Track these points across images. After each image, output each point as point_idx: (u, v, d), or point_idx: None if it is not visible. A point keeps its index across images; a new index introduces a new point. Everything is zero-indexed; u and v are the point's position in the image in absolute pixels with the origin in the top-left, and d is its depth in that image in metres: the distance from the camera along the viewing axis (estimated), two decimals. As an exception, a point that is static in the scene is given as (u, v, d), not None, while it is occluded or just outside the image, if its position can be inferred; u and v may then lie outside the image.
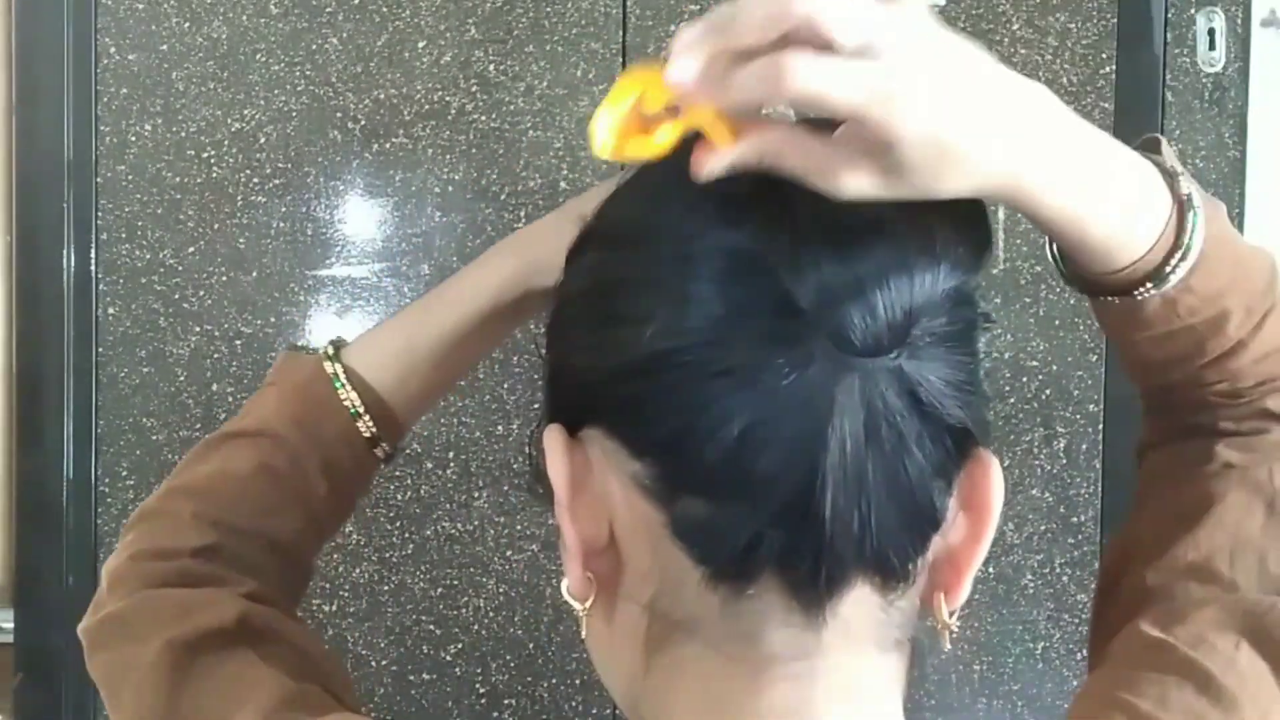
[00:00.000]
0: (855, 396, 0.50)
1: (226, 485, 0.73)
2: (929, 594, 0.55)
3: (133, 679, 0.67)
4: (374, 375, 0.75)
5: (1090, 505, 1.21)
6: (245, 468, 0.73)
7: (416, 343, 0.75)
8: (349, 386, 0.74)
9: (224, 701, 0.65)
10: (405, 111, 1.15)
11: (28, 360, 1.16)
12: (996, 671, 1.21)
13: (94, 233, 1.15)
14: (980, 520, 0.55)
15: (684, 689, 0.54)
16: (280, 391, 0.76)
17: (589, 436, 0.55)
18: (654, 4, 1.16)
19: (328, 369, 0.75)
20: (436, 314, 0.77)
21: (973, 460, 0.55)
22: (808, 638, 0.52)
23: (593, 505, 0.54)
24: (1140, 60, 1.18)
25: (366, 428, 0.74)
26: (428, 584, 1.18)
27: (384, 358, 0.76)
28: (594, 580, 0.54)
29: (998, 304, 1.19)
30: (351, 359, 0.76)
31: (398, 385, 0.75)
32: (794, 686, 0.52)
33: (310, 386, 0.75)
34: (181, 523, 0.71)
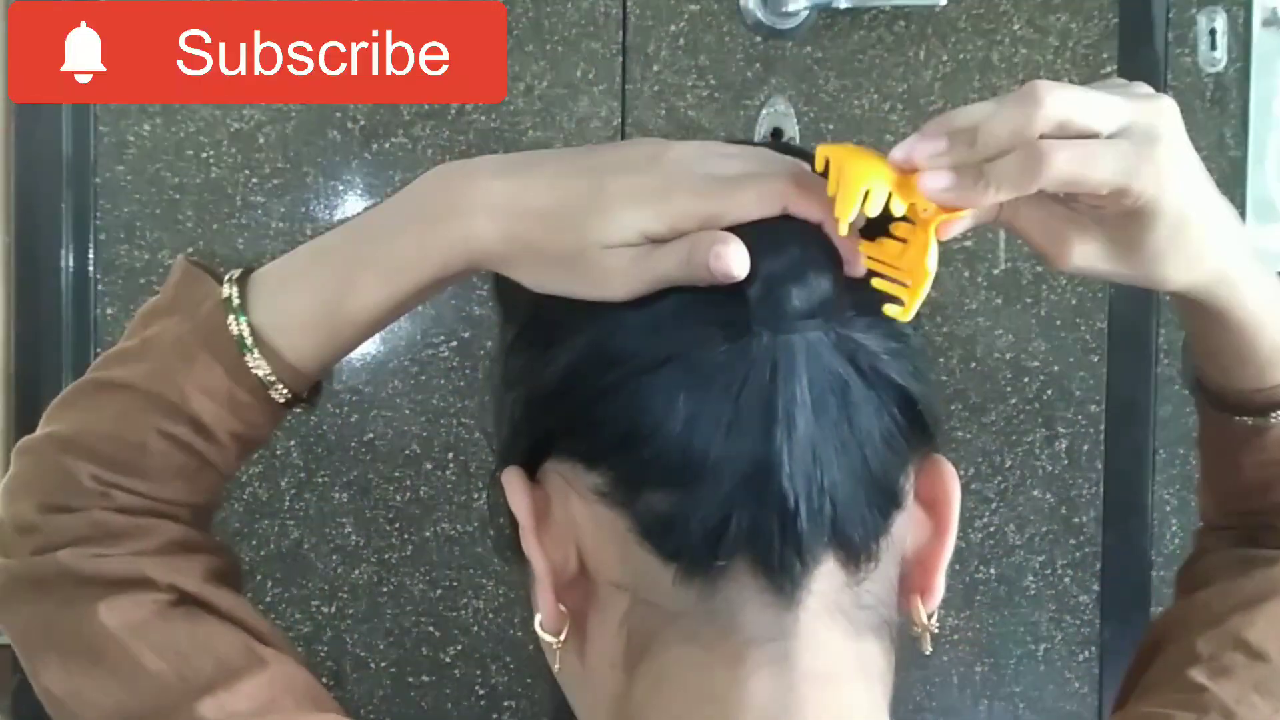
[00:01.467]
0: (799, 367, 0.52)
1: (124, 450, 0.64)
2: (905, 599, 0.57)
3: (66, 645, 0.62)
4: (289, 343, 0.65)
5: (1092, 506, 1.20)
6: (144, 434, 0.64)
7: (339, 319, 0.64)
8: (256, 353, 0.64)
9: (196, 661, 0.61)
10: (405, 111, 1.15)
11: (26, 360, 1.16)
12: (998, 673, 1.20)
13: (93, 233, 1.15)
14: (942, 518, 0.57)
15: (670, 691, 0.54)
16: (178, 340, 0.65)
17: (545, 473, 0.57)
18: (654, 4, 1.16)
19: (232, 327, 0.64)
20: (365, 282, 0.63)
21: (929, 462, 0.57)
22: (785, 619, 0.53)
23: (557, 532, 0.56)
24: (1141, 60, 1.18)
25: (280, 395, 0.65)
26: (427, 585, 1.18)
27: (299, 327, 0.65)
28: (566, 613, 0.55)
29: (999, 304, 1.19)
30: (260, 320, 0.64)
31: (313, 352, 0.65)
32: (774, 673, 0.53)
33: (210, 346, 0.64)
34: (78, 485, 0.64)
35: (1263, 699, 0.64)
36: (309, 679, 0.63)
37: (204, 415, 0.64)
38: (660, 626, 0.54)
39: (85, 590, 0.62)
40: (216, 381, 0.64)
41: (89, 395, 0.67)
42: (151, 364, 0.65)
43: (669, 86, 1.16)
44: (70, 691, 0.62)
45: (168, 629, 0.61)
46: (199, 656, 0.61)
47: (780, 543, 0.52)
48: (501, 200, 0.58)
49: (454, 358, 1.17)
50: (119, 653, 0.61)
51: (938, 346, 1.18)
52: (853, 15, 1.16)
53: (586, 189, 0.57)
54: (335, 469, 1.17)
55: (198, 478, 0.65)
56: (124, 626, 0.61)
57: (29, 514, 0.64)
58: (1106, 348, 1.19)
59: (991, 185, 0.53)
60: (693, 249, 0.53)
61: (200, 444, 0.64)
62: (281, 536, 1.17)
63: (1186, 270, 0.59)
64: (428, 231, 0.60)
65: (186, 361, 0.64)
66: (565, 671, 0.57)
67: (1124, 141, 0.54)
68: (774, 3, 1.15)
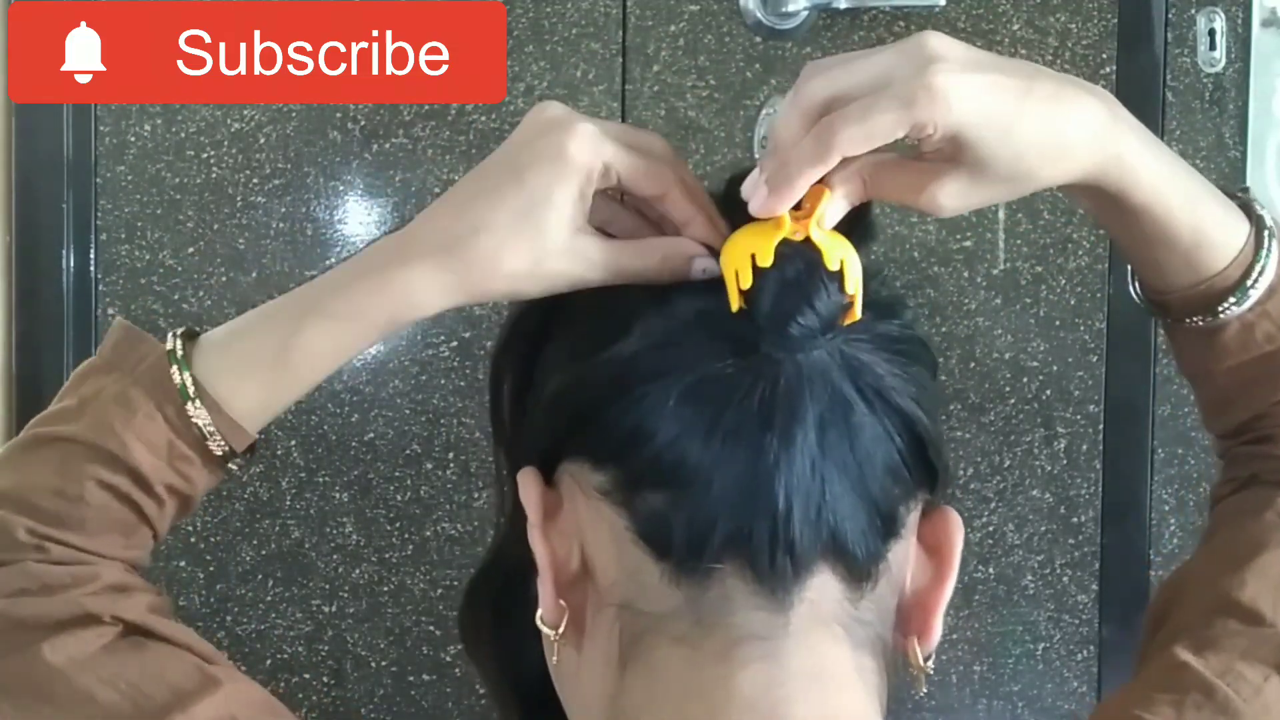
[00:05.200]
0: (804, 385, 0.54)
1: (61, 504, 0.64)
2: (902, 640, 0.58)
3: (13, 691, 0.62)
4: (229, 394, 0.65)
5: (1091, 506, 1.21)
6: (82, 485, 0.64)
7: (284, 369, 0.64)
8: (198, 404, 0.64)
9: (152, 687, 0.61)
10: (405, 111, 1.15)
11: (27, 360, 1.16)
12: (997, 672, 1.21)
13: (94, 233, 1.15)
14: (944, 563, 0.58)
15: (659, 689, 0.55)
16: (118, 393, 0.65)
17: (559, 475, 0.59)
18: (654, 4, 1.16)
19: (174, 378, 0.65)
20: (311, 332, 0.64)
21: (937, 511, 0.59)
22: (775, 620, 0.54)
23: (563, 529, 0.58)
24: (1140, 60, 1.18)
25: (219, 447, 0.65)
26: (427, 585, 1.18)
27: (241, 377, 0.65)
28: (566, 608, 0.56)
29: (998, 304, 1.19)
30: (203, 370, 0.65)
31: (255, 406, 0.65)
32: (764, 667, 0.54)
33: (154, 396, 0.64)
34: (13, 540, 0.63)
35: (1250, 666, 0.62)
36: (264, 693, 0.63)
37: (143, 466, 0.64)
38: (651, 626, 0.55)
39: (26, 634, 0.62)
40: (157, 432, 0.64)
41: (27, 450, 0.67)
42: (92, 417, 0.65)
43: (669, 87, 1.16)
44: None
45: (116, 661, 0.61)
46: (150, 684, 0.61)
47: (771, 548, 0.53)
48: (428, 246, 0.61)
49: (454, 358, 1.17)
50: (68, 690, 0.61)
51: (937, 346, 1.18)
52: (853, 15, 1.16)
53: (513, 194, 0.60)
54: (336, 469, 1.17)
55: (132, 534, 0.65)
56: (70, 663, 0.61)
57: None
58: (1105, 348, 1.19)
59: (797, 178, 0.56)
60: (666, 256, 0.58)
61: (138, 495, 0.64)
62: (282, 536, 1.17)
63: (1054, 165, 0.59)
64: (367, 288, 0.62)
65: (128, 412, 0.64)
66: (561, 665, 0.59)
67: (892, 84, 0.56)
68: (774, 3, 1.15)
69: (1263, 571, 0.65)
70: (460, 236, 0.60)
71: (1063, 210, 1.18)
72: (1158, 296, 0.68)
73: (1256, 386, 0.68)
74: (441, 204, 0.62)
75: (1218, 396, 0.70)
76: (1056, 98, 0.58)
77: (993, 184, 0.58)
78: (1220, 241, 0.65)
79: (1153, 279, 0.67)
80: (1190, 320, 0.67)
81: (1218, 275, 0.65)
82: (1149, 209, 0.62)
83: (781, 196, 0.56)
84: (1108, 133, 0.60)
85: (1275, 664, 0.63)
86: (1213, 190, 0.65)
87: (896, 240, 1.18)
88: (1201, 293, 0.65)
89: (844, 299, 0.55)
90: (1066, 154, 0.59)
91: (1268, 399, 0.68)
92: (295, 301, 0.65)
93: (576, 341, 0.59)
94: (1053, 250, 1.19)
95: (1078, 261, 1.19)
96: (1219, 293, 0.65)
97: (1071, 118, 0.59)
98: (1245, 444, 0.71)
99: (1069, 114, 0.59)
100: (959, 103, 0.55)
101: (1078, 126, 0.59)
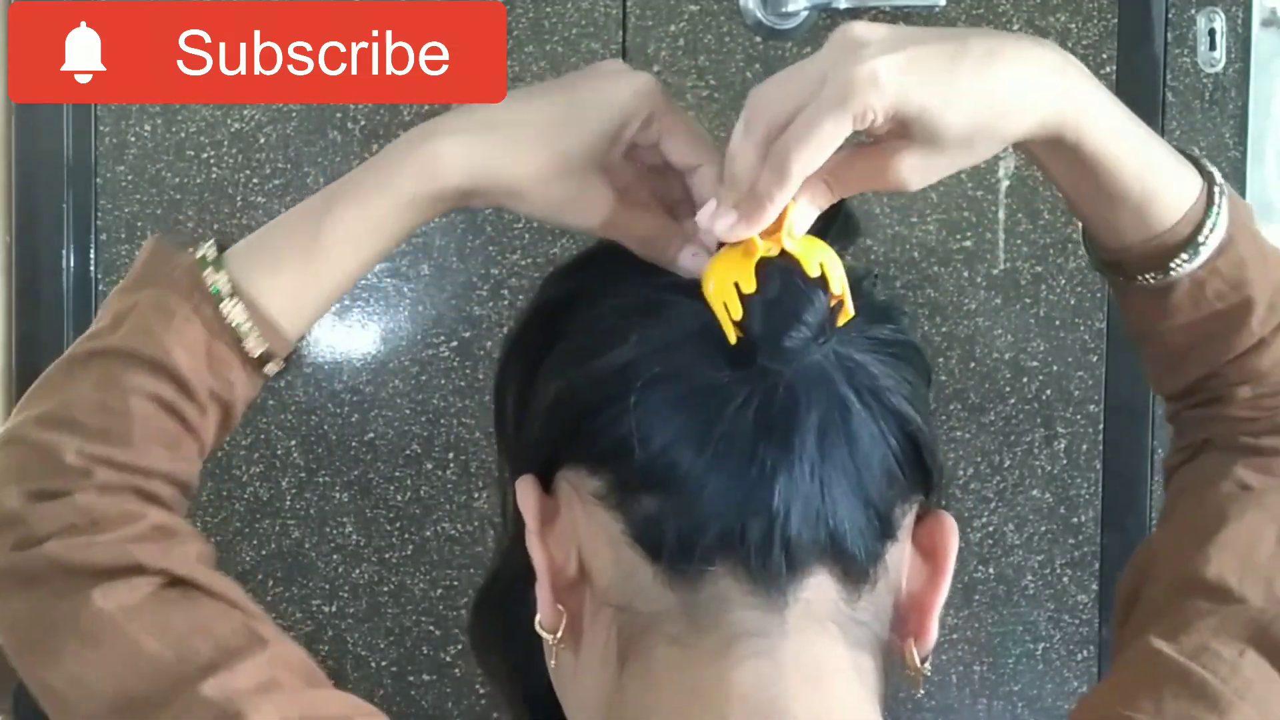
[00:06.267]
0: (802, 395, 0.54)
1: (108, 419, 0.64)
2: (899, 642, 0.59)
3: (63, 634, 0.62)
4: (264, 290, 0.65)
5: (1091, 506, 1.21)
6: (126, 398, 0.64)
7: (315, 251, 0.65)
8: (233, 302, 0.65)
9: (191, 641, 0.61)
10: (405, 111, 1.15)
11: (27, 361, 1.16)
12: (997, 672, 1.21)
13: (94, 233, 1.15)
14: (939, 566, 0.59)
15: (657, 689, 0.55)
16: (155, 301, 0.65)
17: (556, 483, 0.60)
18: (654, 4, 1.16)
19: (208, 280, 0.65)
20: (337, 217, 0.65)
21: (933, 515, 0.60)
22: (770, 619, 0.55)
23: (561, 535, 0.58)
24: (1140, 60, 1.18)
25: (257, 347, 0.65)
26: (428, 585, 1.18)
27: (275, 268, 0.66)
28: (564, 612, 0.57)
29: (998, 304, 1.19)
30: (237, 269, 0.66)
31: (290, 299, 0.66)
32: (761, 665, 0.54)
33: (190, 299, 0.65)
34: (62, 464, 0.63)
35: (1225, 644, 0.62)
36: (305, 658, 0.64)
37: (184, 369, 0.64)
38: (647, 627, 0.55)
39: (76, 580, 0.62)
40: (195, 335, 0.64)
41: (66, 371, 0.66)
42: (130, 327, 0.65)
43: (669, 87, 1.15)
44: (70, 680, 0.61)
45: (165, 610, 0.62)
46: (197, 638, 0.61)
47: (766, 549, 0.53)
48: (467, 125, 0.64)
49: (454, 358, 1.17)
50: (117, 636, 0.61)
51: (937, 346, 1.18)
52: (853, 16, 1.16)
53: (553, 103, 0.63)
54: (336, 469, 1.17)
55: (178, 445, 0.65)
56: (120, 610, 0.61)
57: (12, 503, 0.64)
58: (1106, 348, 1.19)
59: (768, 205, 0.57)
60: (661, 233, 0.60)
61: (181, 402, 0.64)
62: (282, 536, 1.17)
63: (1005, 120, 0.59)
64: (396, 158, 0.65)
65: (165, 317, 0.64)
66: (559, 669, 0.59)
67: (826, 86, 0.56)
68: (774, 3, 1.15)
69: (1226, 545, 0.65)
70: (494, 122, 0.63)
71: (1063, 210, 1.18)
72: (1109, 255, 0.68)
73: (1208, 345, 0.67)
74: (486, 103, 0.65)
75: (1168, 357, 0.70)
76: (992, 54, 0.58)
77: (950, 151, 0.58)
78: (1172, 195, 0.64)
79: (1105, 236, 0.67)
80: (1142, 278, 0.66)
81: (1168, 231, 0.64)
82: (1101, 159, 0.62)
83: (754, 223, 0.57)
84: (1057, 82, 0.60)
85: (1248, 638, 0.62)
86: (1165, 146, 0.65)
87: (896, 240, 1.18)
88: (1154, 248, 0.65)
89: (831, 300, 0.55)
90: (1015, 107, 0.59)
91: (1220, 358, 0.67)
92: (324, 192, 0.67)
93: (575, 351, 0.60)
94: (1053, 250, 1.19)
95: (1078, 261, 1.19)
96: (1170, 249, 0.65)
97: (1013, 72, 0.58)
98: (1196, 406, 0.70)
99: (1009, 69, 0.58)
100: (889, 83, 0.55)
101: (1021, 80, 0.59)
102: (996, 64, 0.58)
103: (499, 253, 1.16)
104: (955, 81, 0.57)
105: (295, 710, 0.60)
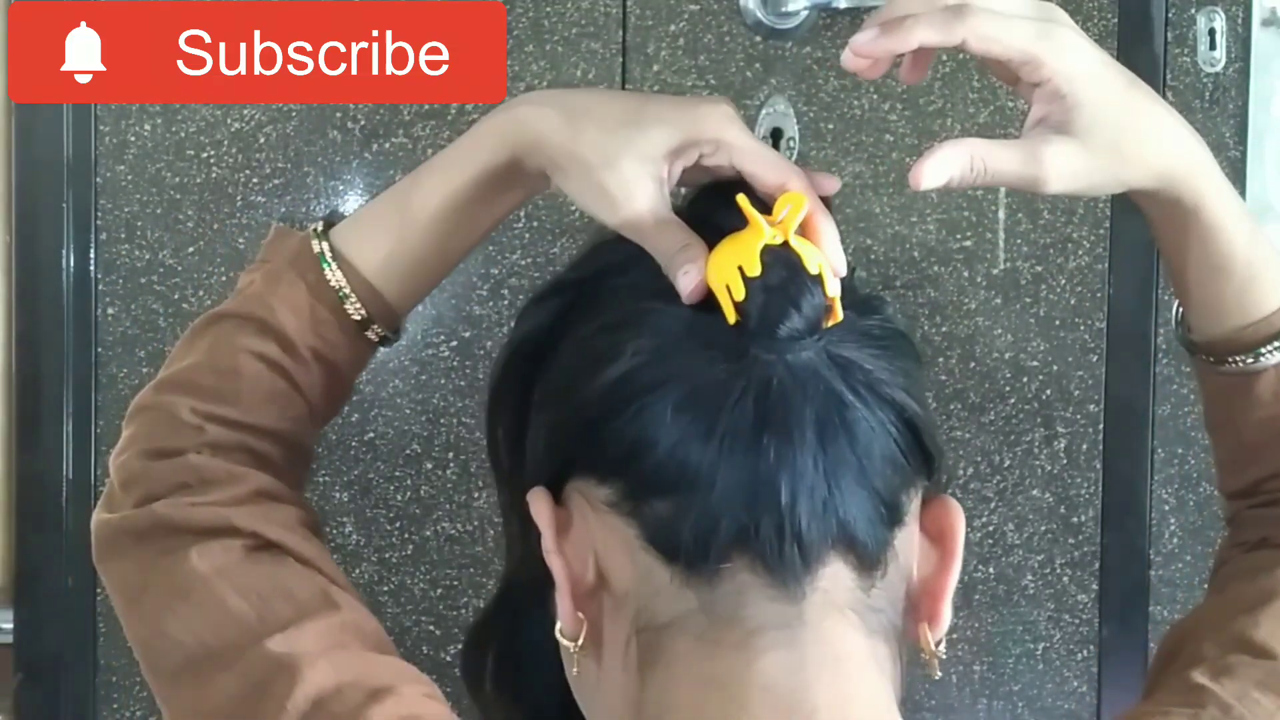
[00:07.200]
0: (797, 385, 0.56)
1: (218, 378, 0.69)
2: (913, 627, 0.60)
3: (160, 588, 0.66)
4: (362, 254, 0.71)
5: (1090, 505, 1.21)
6: (235, 357, 0.69)
7: (406, 217, 0.70)
8: (334, 267, 0.70)
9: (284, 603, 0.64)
10: (405, 111, 1.15)
11: (27, 360, 1.16)
12: (997, 672, 1.21)
13: (93, 233, 1.15)
14: (948, 551, 0.60)
15: (679, 685, 0.56)
16: (268, 271, 0.72)
17: (567, 494, 0.61)
18: (654, 4, 1.16)
19: (314, 247, 0.70)
20: (428, 185, 0.71)
21: (938, 501, 0.61)
22: (789, 611, 0.56)
23: (577, 544, 0.59)
24: (1140, 60, 1.18)
25: (356, 310, 0.70)
26: (427, 585, 1.18)
27: (372, 234, 0.71)
28: (584, 620, 0.58)
29: (998, 304, 1.19)
30: (339, 237, 0.71)
31: (385, 263, 0.70)
32: (782, 655, 0.55)
33: (296, 266, 0.70)
34: (178, 422, 0.69)
35: (1264, 695, 0.64)
36: (377, 627, 0.67)
37: (287, 328, 0.69)
38: (668, 627, 0.56)
39: (178, 538, 0.66)
40: (300, 297, 0.69)
41: (187, 342, 0.73)
42: (244, 295, 0.71)
43: (669, 87, 1.16)
44: (157, 632, 0.66)
45: (252, 571, 0.65)
46: (278, 599, 0.64)
47: (779, 542, 0.54)
48: (549, 99, 0.67)
49: (454, 358, 1.17)
50: (205, 593, 0.65)
51: (937, 346, 1.18)
52: (853, 15, 1.16)
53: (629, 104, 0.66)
54: (336, 469, 1.17)
55: (286, 403, 0.70)
56: (213, 569, 0.65)
57: (134, 463, 0.69)
58: (1106, 348, 1.19)
59: (913, 32, 0.60)
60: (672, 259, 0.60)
61: (285, 360, 0.69)
62: (282, 536, 1.17)
63: (1147, 151, 0.64)
64: (480, 126, 0.70)
65: (273, 283, 0.70)
66: (581, 676, 0.60)
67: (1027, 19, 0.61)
68: (774, 3, 1.15)
69: (1277, 615, 0.67)
70: (568, 101, 0.67)
71: (1062, 210, 1.18)
72: (1203, 337, 0.70)
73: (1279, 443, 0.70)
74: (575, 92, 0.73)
75: (1240, 450, 0.72)
76: (1154, 99, 0.65)
77: (1094, 154, 0.62)
78: (1273, 283, 0.68)
79: (1203, 314, 0.70)
80: (1232, 360, 0.69)
81: (1263, 320, 0.68)
82: (1217, 230, 0.66)
83: (889, 41, 0.61)
84: (1192, 146, 0.66)
85: None
86: (1266, 237, 0.70)
87: (896, 240, 1.18)
88: (1249, 335, 0.68)
89: (825, 301, 0.56)
90: (1160, 147, 0.64)
91: None
92: (415, 171, 0.73)
93: (569, 372, 0.61)
94: (1053, 250, 1.19)
95: (1078, 261, 1.19)
96: (1264, 337, 0.68)
97: (1167, 120, 0.65)
98: (1256, 507, 0.73)
99: (1165, 116, 0.65)
100: (1080, 62, 0.61)
101: (1171, 130, 0.65)
102: (1157, 107, 0.65)
103: (499, 253, 1.16)
104: (1125, 100, 0.63)
105: (351, 672, 0.62)
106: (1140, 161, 0.64)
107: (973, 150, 0.61)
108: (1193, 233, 0.66)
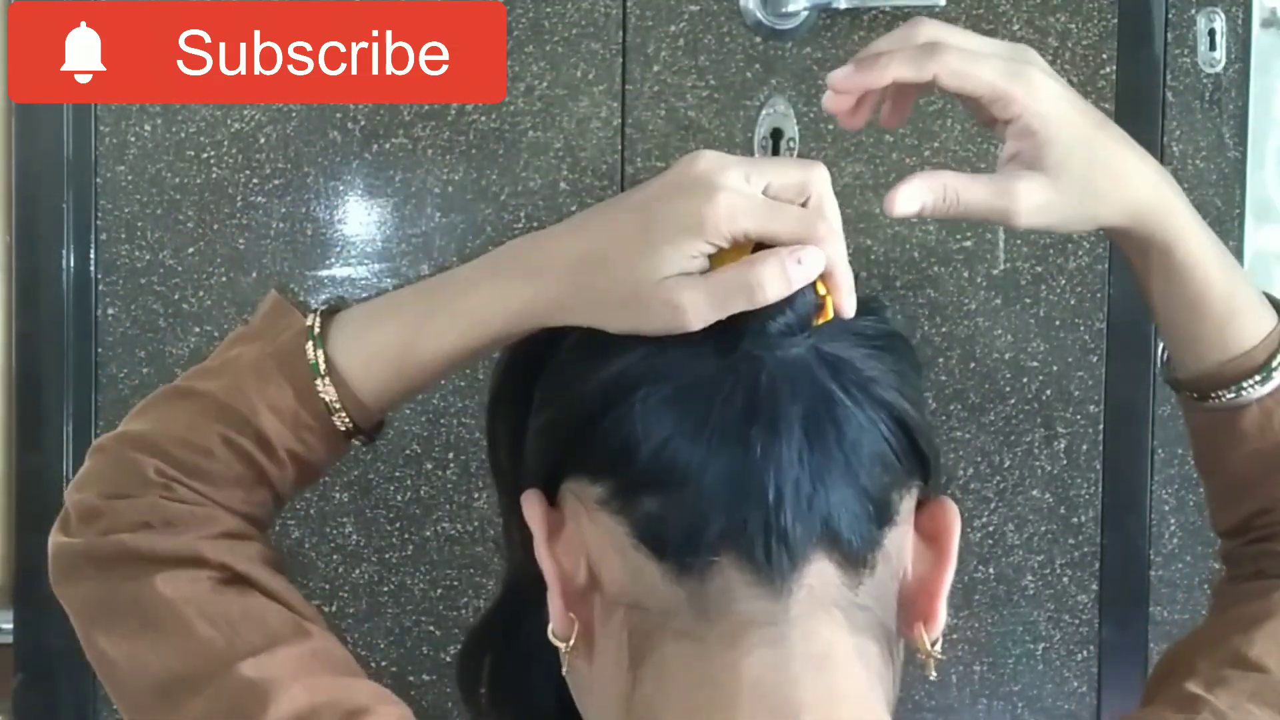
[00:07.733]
0: (785, 381, 0.56)
1: (190, 453, 0.67)
2: (909, 627, 0.60)
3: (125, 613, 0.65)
4: (357, 372, 0.68)
5: (1091, 506, 1.21)
6: (210, 439, 0.67)
7: (411, 351, 0.67)
8: (327, 381, 0.67)
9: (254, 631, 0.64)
10: (405, 111, 1.15)
11: (26, 360, 1.16)
12: (996, 672, 1.21)
13: (94, 233, 1.15)
14: (943, 550, 0.60)
15: (670, 682, 0.56)
16: (257, 359, 0.69)
17: (561, 495, 0.61)
18: (654, 4, 1.16)
19: (308, 353, 0.68)
20: (439, 327, 0.66)
21: (934, 501, 0.61)
22: (775, 608, 0.56)
23: (569, 544, 0.60)
24: (1140, 61, 1.18)
25: (342, 423, 0.69)
26: (428, 585, 1.18)
27: (373, 357, 0.68)
28: (575, 620, 0.57)
29: (998, 305, 1.19)
30: (336, 346, 0.68)
31: (381, 386, 0.68)
32: (769, 653, 0.56)
33: (285, 370, 0.68)
34: (144, 477, 0.67)
35: (1257, 706, 0.65)
36: (348, 655, 0.67)
37: (268, 430, 0.67)
38: (658, 625, 0.56)
39: (144, 566, 0.65)
40: (285, 402, 0.68)
41: (166, 402, 0.71)
42: (229, 380, 0.68)
43: (669, 87, 1.16)
44: (127, 654, 0.65)
45: (220, 601, 0.65)
46: (249, 627, 0.64)
47: (765, 539, 0.55)
48: (566, 257, 0.61)
49: (454, 357, 1.17)
50: (174, 620, 0.64)
51: (937, 347, 1.18)
52: (853, 15, 1.16)
53: (634, 225, 0.59)
54: (336, 469, 1.17)
55: (253, 490, 0.69)
56: (180, 597, 0.64)
57: (93, 500, 0.68)
58: (1105, 348, 1.19)
59: (887, 68, 0.63)
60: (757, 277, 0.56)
61: (261, 458, 0.68)
62: (282, 536, 1.17)
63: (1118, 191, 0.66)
64: (502, 285, 0.64)
65: (261, 380, 0.68)
66: (574, 675, 0.61)
67: (997, 58, 0.64)
68: (774, 3, 1.15)
69: (1271, 635, 0.68)
70: (580, 263, 0.60)
71: (1063, 210, 1.18)
72: (1186, 374, 0.72)
73: (1270, 477, 0.71)
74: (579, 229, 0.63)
75: (1229, 487, 0.74)
76: (1124, 140, 0.67)
77: (1064, 191, 0.64)
78: (1251, 318, 0.70)
79: (1184, 353, 0.71)
80: (1215, 395, 0.70)
81: (1244, 355, 0.69)
82: (1192, 268, 0.68)
83: (864, 77, 0.64)
84: (1162, 186, 0.67)
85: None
86: (1246, 278, 0.71)
87: (896, 240, 1.18)
88: (1230, 370, 0.69)
89: (817, 299, 0.57)
90: (1130, 186, 0.66)
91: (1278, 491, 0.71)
92: (427, 296, 0.68)
93: (564, 375, 0.62)
94: (1053, 250, 1.19)
95: (1078, 261, 1.19)
96: (1244, 371, 0.69)
97: (1135, 161, 0.67)
98: (1250, 543, 0.74)
99: (1134, 156, 0.67)
100: (1051, 100, 0.63)
101: (1140, 170, 0.67)
102: (1126, 149, 0.67)
103: (499, 253, 1.16)
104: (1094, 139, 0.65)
105: (324, 695, 0.62)
106: (1110, 199, 0.66)
107: (946, 181, 0.64)
108: (1169, 270, 0.68)
